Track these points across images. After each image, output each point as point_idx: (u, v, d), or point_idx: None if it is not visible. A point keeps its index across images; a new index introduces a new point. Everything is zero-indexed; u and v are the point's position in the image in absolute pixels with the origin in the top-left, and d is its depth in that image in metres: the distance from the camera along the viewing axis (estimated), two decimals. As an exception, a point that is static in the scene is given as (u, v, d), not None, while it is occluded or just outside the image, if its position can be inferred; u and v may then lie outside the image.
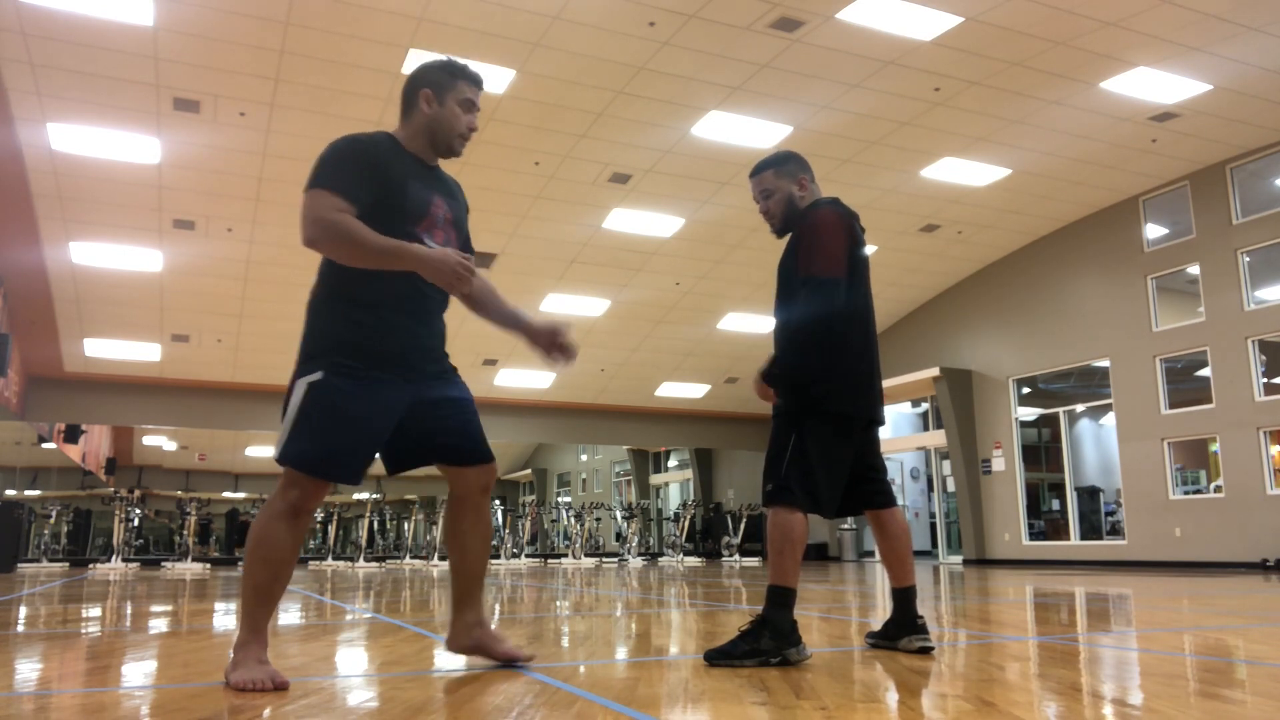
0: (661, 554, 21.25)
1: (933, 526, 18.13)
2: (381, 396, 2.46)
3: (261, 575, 2.42)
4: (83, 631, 4.20)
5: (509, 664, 2.74)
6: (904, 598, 3.06)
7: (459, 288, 2.41)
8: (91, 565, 16.70)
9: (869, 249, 15.49)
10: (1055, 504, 16.10)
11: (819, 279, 2.89)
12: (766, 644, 2.71)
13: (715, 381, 19.92)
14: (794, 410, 2.92)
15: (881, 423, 3.13)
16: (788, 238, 3.12)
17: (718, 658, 2.74)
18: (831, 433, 2.91)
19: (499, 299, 2.88)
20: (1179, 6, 8.84)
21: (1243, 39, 9.43)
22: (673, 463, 26.08)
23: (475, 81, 2.69)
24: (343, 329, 2.46)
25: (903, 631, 3.05)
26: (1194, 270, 12.93)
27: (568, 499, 29.25)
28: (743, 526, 19.24)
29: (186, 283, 14.21)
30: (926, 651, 3.00)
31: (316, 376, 2.42)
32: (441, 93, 2.62)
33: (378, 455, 2.58)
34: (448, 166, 2.83)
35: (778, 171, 3.11)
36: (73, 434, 19.23)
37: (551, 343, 2.81)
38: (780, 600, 2.77)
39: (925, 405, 17.82)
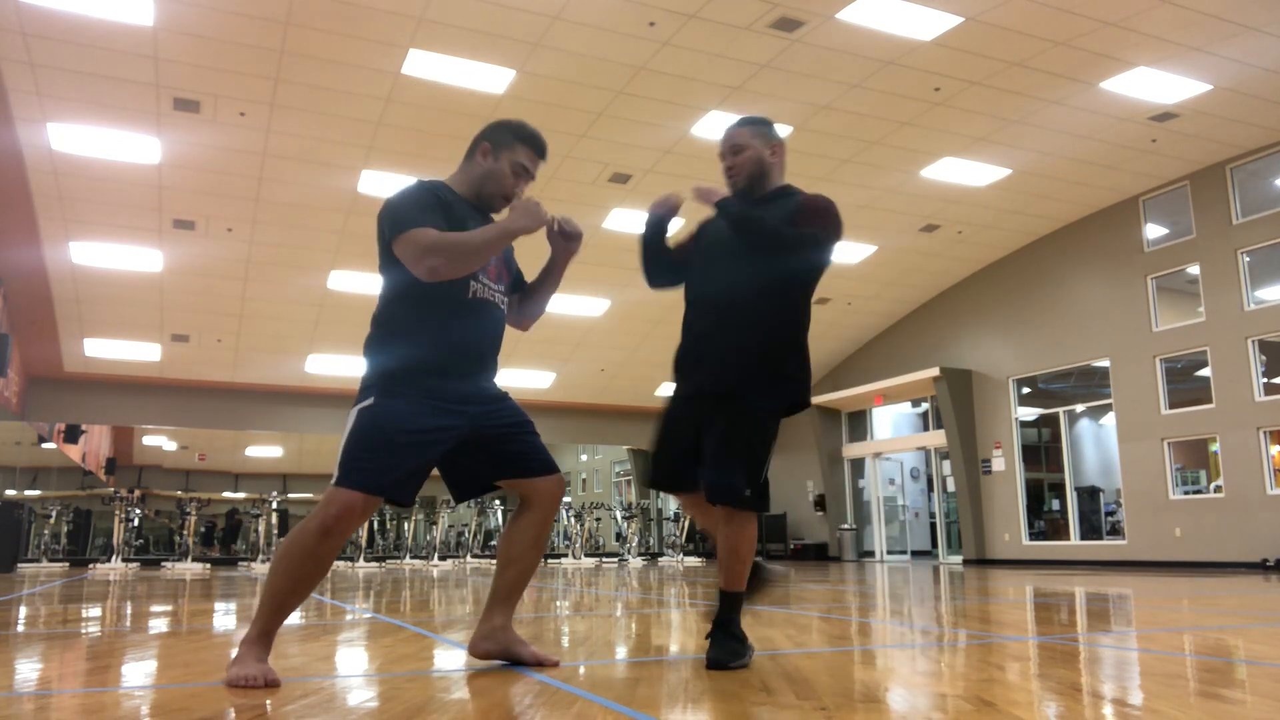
0: (661, 554, 21.25)
1: (933, 526, 18.13)
2: (437, 423, 2.52)
3: (282, 584, 2.45)
4: (83, 631, 4.20)
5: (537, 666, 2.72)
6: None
7: (545, 215, 2.61)
8: (91, 565, 16.70)
9: (869, 249, 15.41)
10: (1055, 504, 16.10)
11: (819, 239, 2.86)
12: (739, 646, 2.72)
13: (715, 381, 19.88)
14: (777, 410, 2.83)
15: (723, 395, 2.91)
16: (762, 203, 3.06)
17: (726, 661, 2.65)
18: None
19: (538, 280, 3.00)
20: (1179, 6, 8.84)
21: (1243, 39, 9.43)
22: (673, 463, 26.04)
23: (536, 148, 2.79)
24: (399, 362, 2.55)
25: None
26: (1194, 270, 12.93)
27: (568, 499, 29.27)
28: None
29: (186, 283, 14.20)
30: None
31: (369, 402, 2.50)
32: (499, 149, 2.76)
33: (445, 485, 2.71)
34: None
35: (754, 131, 3.08)
36: (73, 434, 19.22)
37: (560, 241, 2.88)
38: (740, 605, 2.76)
39: (925, 405, 17.81)
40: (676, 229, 3.31)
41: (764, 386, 2.81)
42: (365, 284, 14.30)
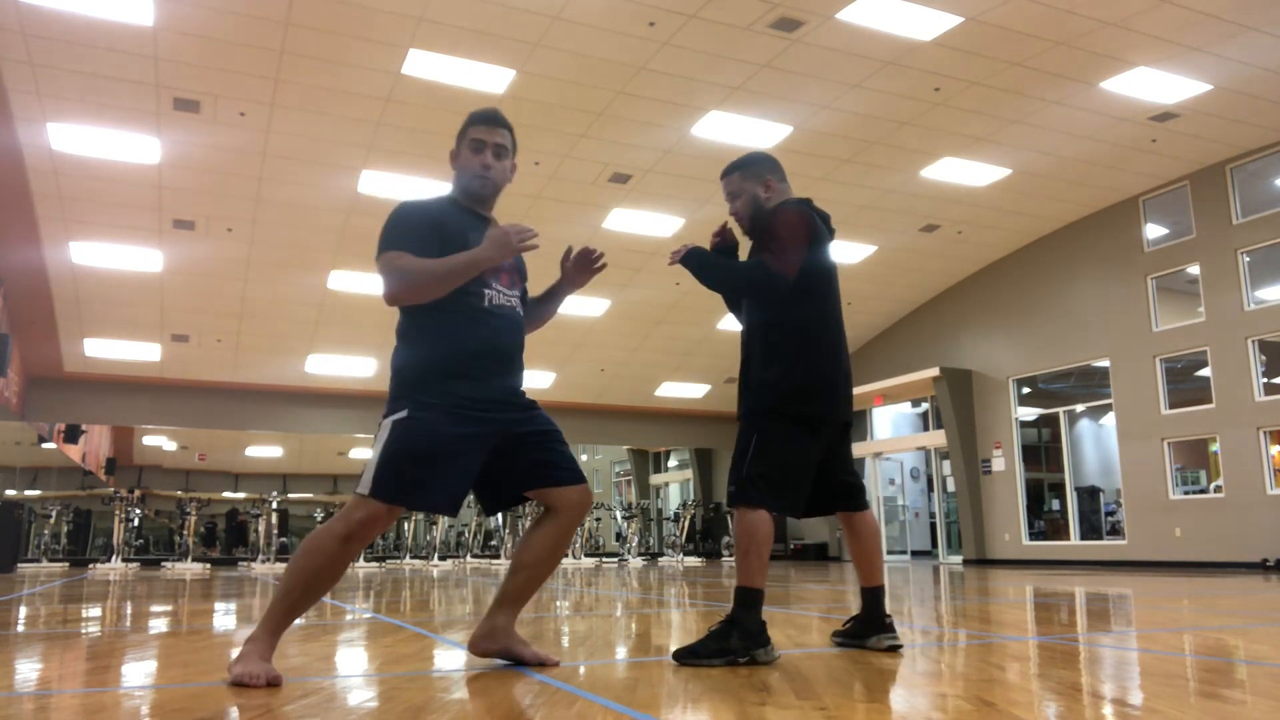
0: (661, 554, 21.24)
1: (933, 526, 18.13)
2: (469, 432, 2.55)
3: (296, 583, 2.47)
4: (83, 631, 4.20)
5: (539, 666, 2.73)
6: (873, 597, 3.09)
7: (526, 244, 2.60)
8: (91, 565, 16.70)
9: (869, 249, 15.41)
10: (1055, 504, 16.10)
11: (772, 253, 2.93)
12: (735, 644, 2.73)
13: (715, 381, 19.92)
14: (758, 410, 2.94)
15: (850, 424, 3.13)
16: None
17: (686, 657, 2.75)
18: (795, 433, 2.91)
19: (539, 300, 3.01)
20: (1179, 6, 8.84)
21: (1243, 39, 9.43)
22: (673, 463, 26.08)
23: (484, 120, 2.81)
24: (423, 373, 2.58)
25: (870, 630, 3.08)
26: (1194, 270, 12.93)
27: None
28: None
29: (186, 283, 14.20)
30: (895, 649, 3.03)
31: (402, 414, 2.52)
32: (458, 144, 2.82)
33: (473, 495, 2.73)
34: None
35: (743, 174, 3.16)
36: (73, 434, 19.22)
37: (580, 268, 2.93)
38: (748, 601, 2.78)
39: (925, 405, 17.82)
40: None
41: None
42: (365, 284, 14.30)
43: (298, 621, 4.56)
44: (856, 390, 17.76)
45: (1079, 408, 15.25)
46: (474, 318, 2.63)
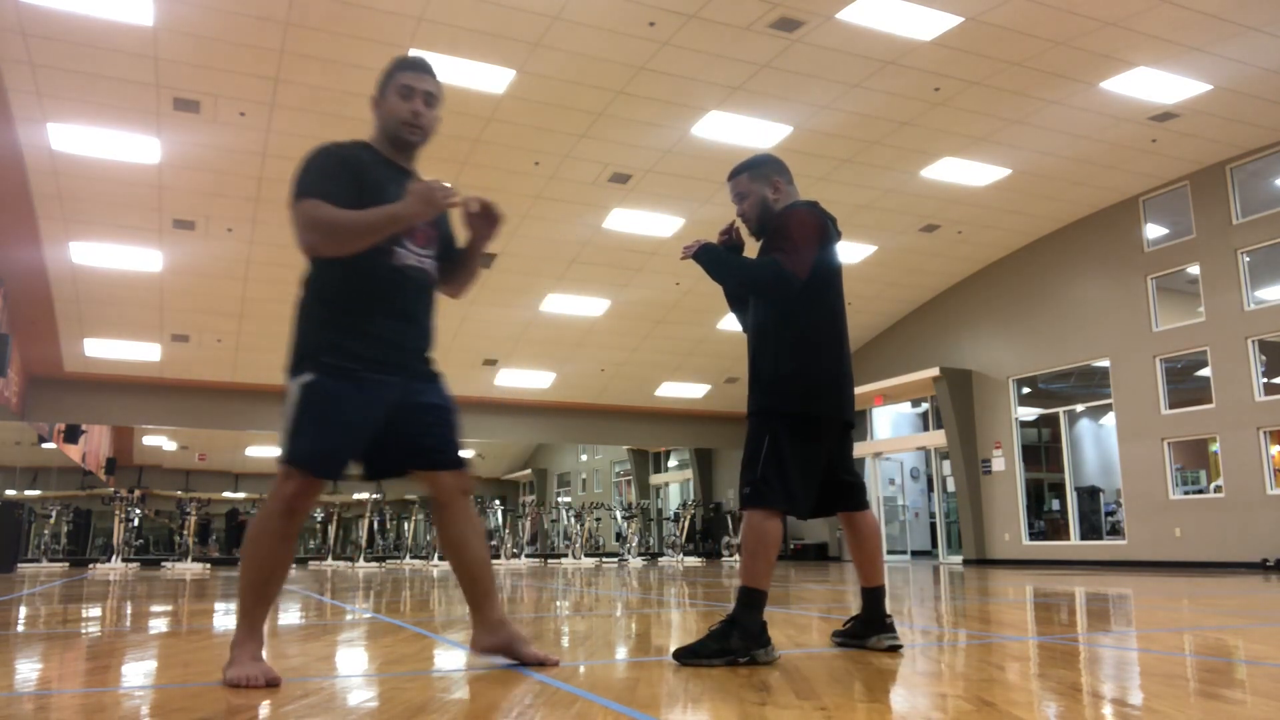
0: (661, 554, 21.24)
1: (933, 526, 18.13)
2: (372, 395, 2.51)
3: (257, 574, 2.45)
4: (83, 631, 4.20)
5: (535, 665, 2.71)
6: (874, 597, 3.10)
7: (450, 201, 2.49)
8: (91, 565, 16.70)
9: (869, 249, 15.39)
10: (1055, 504, 16.10)
11: (783, 251, 2.94)
12: (735, 644, 2.73)
13: (715, 381, 19.92)
14: (768, 410, 2.94)
15: (853, 425, 3.13)
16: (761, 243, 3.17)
17: (686, 656, 2.76)
18: (806, 434, 2.92)
19: (458, 263, 2.85)
20: (1179, 6, 8.84)
21: (1243, 39, 9.43)
22: (673, 463, 26.08)
23: (410, 65, 2.68)
24: (331, 332, 2.52)
25: (871, 630, 3.09)
26: (1194, 270, 12.93)
27: (568, 499, 29.24)
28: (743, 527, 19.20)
29: (186, 283, 14.21)
30: (895, 649, 3.03)
31: (309, 378, 2.47)
32: (383, 90, 2.68)
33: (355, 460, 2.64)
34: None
35: (752, 175, 3.17)
36: (73, 434, 19.23)
37: (480, 224, 2.74)
38: (751, 602, 2.78)
39: (925, 405, 17.82)
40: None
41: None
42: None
43: (298, 621, 4.57)
44: (857, 390, 17.76)
45: (1079, 408, 15.24)
46: (384, 277, 2.55)
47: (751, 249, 3.17)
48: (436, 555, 18.62)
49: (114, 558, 16.08)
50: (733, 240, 3.17)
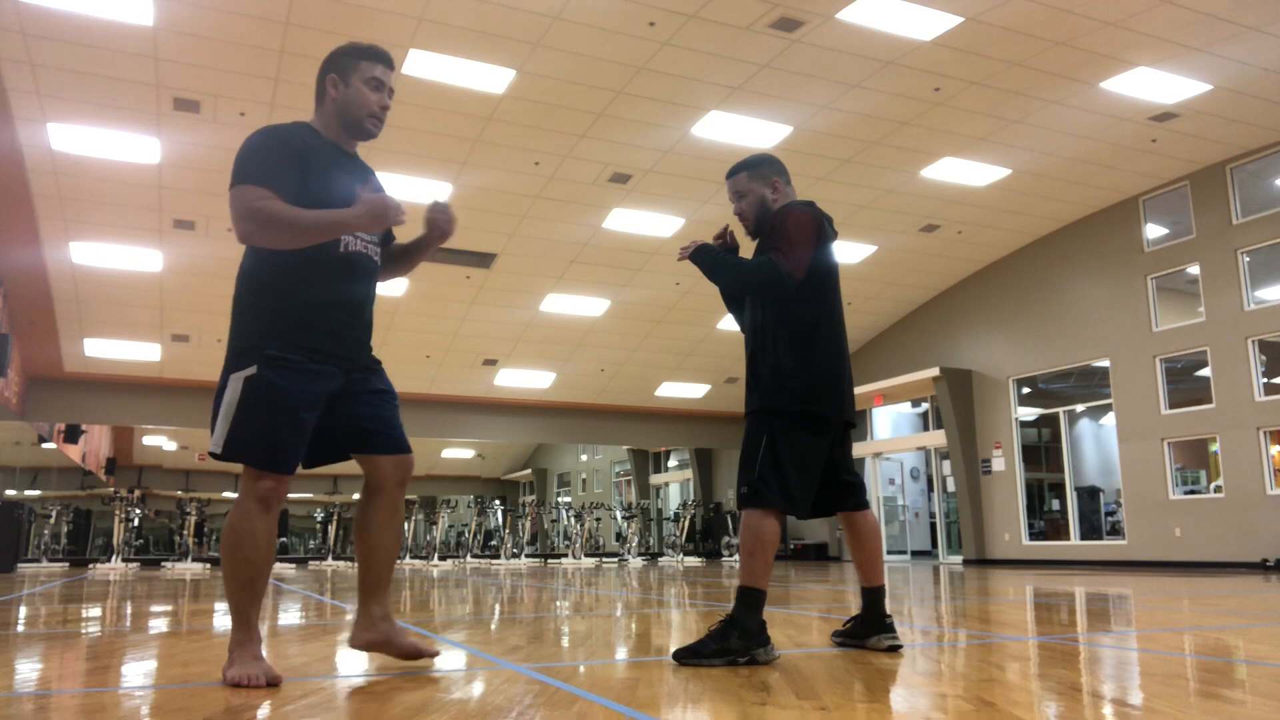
0: (661, 554, 21.24)
1: (933, 526, 18.13)
2: (314, 386, 2.47)
3: (244, 573, 2.43)
4: (83, 631, 4.20)
5: (414, 659, 2.71)
6: (874, 597, 3.11)
7: (399, 218, 2.45)
8: (91, 565, 16.70)
9: (869, 249, 15.39)
10: (1055, 504, 16.10)
11: (780, 251, 2.95)
12: (735, 644, 2.74)
13: (715, 381, 19.93)
14: (767, 410, 2.95)
15: (854, 425, 3.14)
16: (758, 242, 3.19)
17: (686, 657, 2.76)
18: (804, 433, 2.93)
19: (397, 249, 2.86)
20: (1179, 6, 8.84)
21: (1243, 39, 9.43)
22: (673, 463, 26.08)
23: (381, 59, 2.68)
24: (271, 322, 2.46)
25: (871, 630, 3.09)
26: (1194, 270, 12.93)
27: (568, 499, 29.24)
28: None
29: (186, 283, 14.21)
30: (895, 649, 3.04)
31: (251, 371, 2.43)
32: (347, 75, 2.63)
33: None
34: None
35: (751, 174, 3.19)
36: (73, 434, 19.23)
37: (434, 224, 2.75)
38: (750, 601, 2.79)
39: (925, 405, 17.82)
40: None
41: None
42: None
43: (298, 621, 4.57)
44: (857, 390, 17.74)
45: (1079, 408, 15.24)
46: (327, 266, 2.50)
47: (748, 249, 3.18)
48: (436, 555, 18.62)
49: (114, 558, 16.07)
50: (728, 244, 3.18)
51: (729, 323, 17.31)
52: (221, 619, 4.89)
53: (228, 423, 2.43)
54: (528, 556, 21.12)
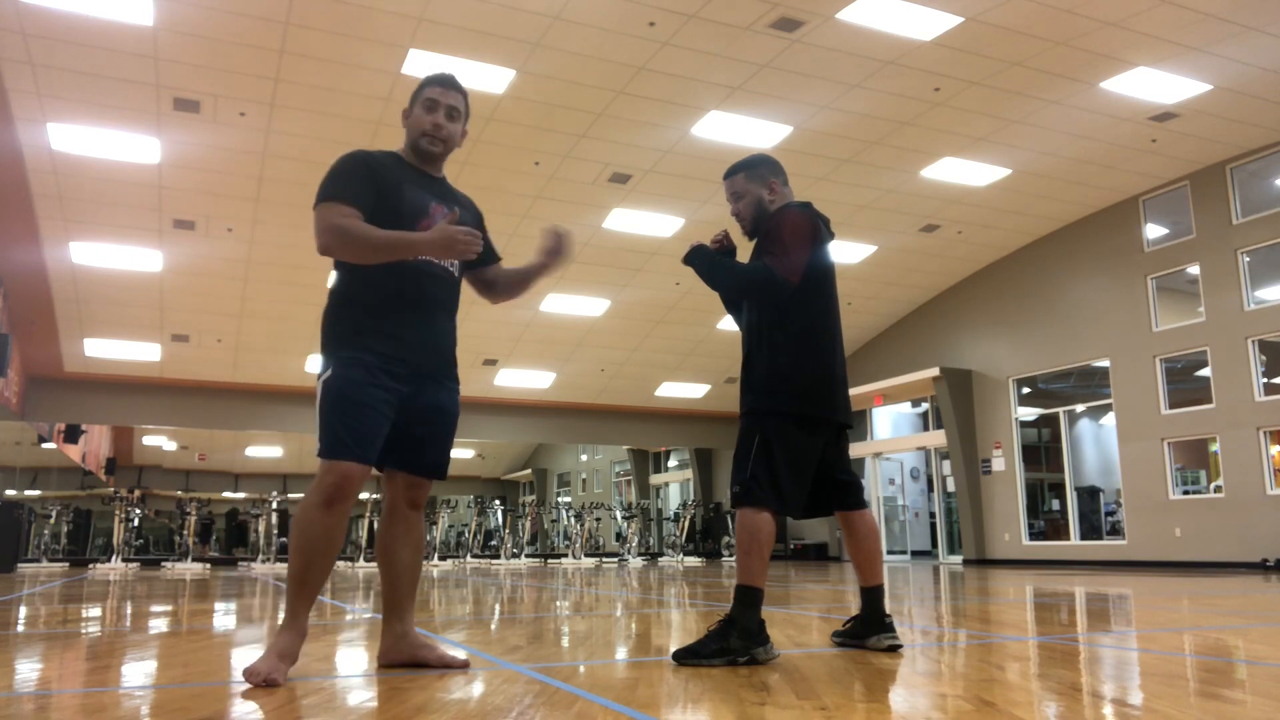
0: (661, 554, 21.25)
1: (933, 526, 18.13)
2: (381, 384, 2.56)
3: (297, 564, 2.50)
4: (83, 631, 4.20)
5: (445, 669, 2.71)
6: (872, 597, 3.11)
7: (468, 252, 2.54)
8: (91, 565, 16.70)
9: (869, 249, 15.39)
10: (1055, 504, 16.10)
11: (775, 255, 2.96)
12: (735, 643, 2.74)
13: (715, 381, 19.93)
14: (760, 410, 2.96)
15: (849, 426, 3.13)
16: (755, 243, 3.19)
17: (686, 657, 2.77)
18: (797, 432, 2.93)
19: (510, 272, 3.00)
20: (1179, 6, 8.84)
21: (1243, 39, 9.43)
22: (673, 463, 26.08)
23: (439, 82, 2.81)
24: (347, 329, 2.61)
25: (870, 630, 3.09)
26: (1194, 270, 12.94)
27: (568, 499, 29.24)
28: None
29: (186, 283, 14.21)
30: (895, 649, 3.04)
31: (329, 373, 2.57)
32: (413, 101, 2.84)
33: None
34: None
35: (748, 175, 3.19)
36: (73, 434, 19.23)
37: (551, 252, 2.88)
38: (748, 600, 2.79)
39: (925, 405, 17.82)
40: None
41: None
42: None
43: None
44: (856, 390, 17.78)
45: (1079, 408, 15.25)
46: (406, 276, 2.64)
47: (745, 249, 3.18)
48: (436, 555, 18.62)
49: (114, 558, 16.07)
50: (725, 246, 3.19)
51: (729, 323, 17.31)
52: (222, 619, 4.89)
53: (318, 425, 2.55)
54: (528, 556, 21.12)
